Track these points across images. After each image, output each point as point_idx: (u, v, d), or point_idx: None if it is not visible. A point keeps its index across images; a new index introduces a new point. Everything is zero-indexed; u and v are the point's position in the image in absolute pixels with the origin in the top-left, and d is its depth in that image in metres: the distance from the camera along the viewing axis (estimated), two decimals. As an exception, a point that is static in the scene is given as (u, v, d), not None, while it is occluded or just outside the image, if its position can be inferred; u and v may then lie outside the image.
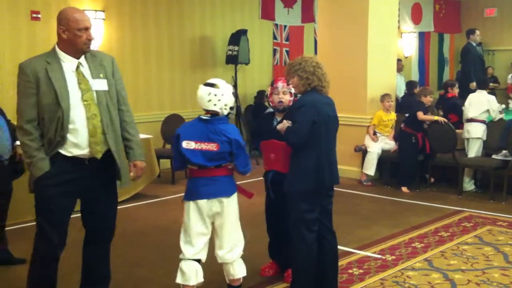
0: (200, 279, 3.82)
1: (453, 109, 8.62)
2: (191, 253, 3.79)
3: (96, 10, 8.13)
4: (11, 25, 7.46)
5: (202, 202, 3.76)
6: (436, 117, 7.84)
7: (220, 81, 3.84)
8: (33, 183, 3.52)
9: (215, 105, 3.74)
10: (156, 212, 6.77)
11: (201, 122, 3.79)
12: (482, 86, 8.11)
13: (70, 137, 3.43)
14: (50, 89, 3.38)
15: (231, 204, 3.83)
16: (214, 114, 3.78)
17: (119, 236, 5.67)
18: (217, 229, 3.84)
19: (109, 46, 8.52)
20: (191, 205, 3.80)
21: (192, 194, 3.80)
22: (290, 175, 3.96)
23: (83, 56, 3.54)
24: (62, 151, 3.44)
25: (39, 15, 7.61)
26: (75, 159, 3.47)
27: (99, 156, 3.51)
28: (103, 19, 8.26)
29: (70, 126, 3.42)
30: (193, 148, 3.73)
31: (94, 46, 8.20)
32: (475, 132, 7.70)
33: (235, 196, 3.88)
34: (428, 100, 7.88)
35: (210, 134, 3.72)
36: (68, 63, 3.48)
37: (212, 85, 3.78)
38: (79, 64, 3.51)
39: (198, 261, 3.82)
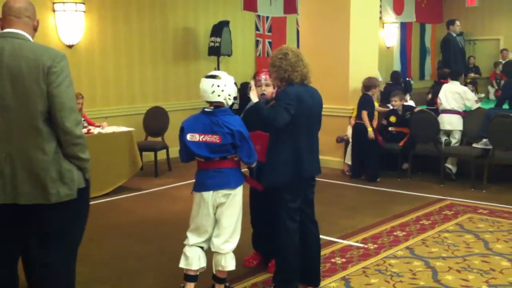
0: (203, 264, 3.90)
1: None
2: (195, 241, 3.89)
3: (76, 3, 8.04)
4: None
5: (208, 194, 3.81)
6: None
7: (221, 72, 3.90)
8: None
9: (219, 95, 3.78)
10: (140, 204, 6.76)
11: (204, 115, 3.82)
12: (454, 77, 8.19)
13: None
14: None
15: (236, 196, 3.88)
16: (217, 106, 3.81)
17: (104, 229, 5.71)
18: (218, 218, 3.88)
19: (90, 38, 8.46)
20: (197, 197, 3.87)
21: (199, 186, 3.86)
22: (268, 169, 3.97)
23: None
24: None
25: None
26: None
27: None
28: (84, 11, 8.18)
29: None
30: (198, 141, 3.77)
31: (76, 39, 8.16)
32: (458, 124, 7.80)
33: (240, 188, 3.92)
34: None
35: (213, 126, 3.75)
36: None
37: (214, 76, 3.82)
38: None
39: (201, 248, 3.91)
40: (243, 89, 10.30)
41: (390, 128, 8.08)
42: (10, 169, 2.98)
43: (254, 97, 4.06)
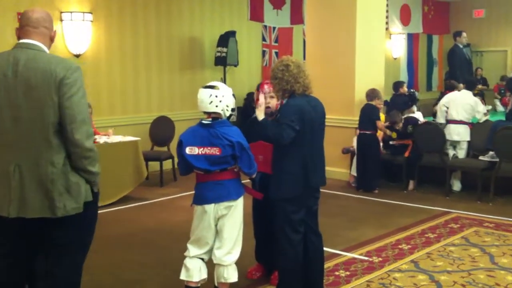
0: (204, 275, 3.89)
1: None
2: (196, 253, 3.87)
3: (83, 12, 8.09)
4: (-2, 27, 7.42)
5: (209, 207, 3.79)
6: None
7: (220, 83, 3.89)
8: None
9: (216, 106, 3.76)
10: (145, 214, 6.76)
11: (202, 127, 3.80)
12: (469, 87, 8.15)
13: None
14: None
15: (237, 207, 3.87)
16: (215, 117, 3.79)
17: (107, 238, 5.70)
18: (219, 229, 3.86)
19: (97, 48, 8.50)
20: (198, 210, 3.85)
21: (199, 199, 3.84)
22: (275, 181, 3.94)
23: None
24: None
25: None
26: None
27: None
28: (91, 21, 8.22)
29: None
30: (197, 154, 3.75)
31: (82, 48, 8.19)
32: (465, 135, 7.76)
33: (241, 199, 3.91)
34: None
35: (212, 138, 3.73)
36: None
37: (212, 87, 3.80)
38: None
39: (202, 259, 3.91)
40: (249, 98, 10.35)
41: (391, 142, 8.03)
42: (18, 181, 2.95)
43: (260, 114, 3.99)
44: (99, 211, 3.28)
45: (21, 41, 3.04)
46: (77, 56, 8.18)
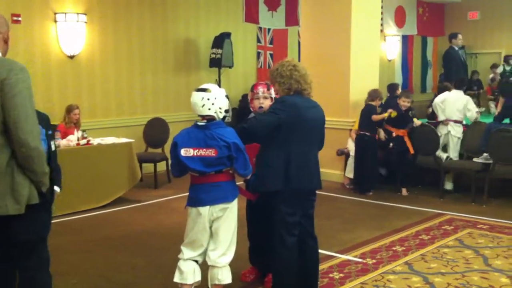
0: (198, 277, 3.88)
1: None
2: (190, 255, 3.87)
3: (78, 13, 8.07)
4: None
5: (204, 209, 3.78)
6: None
7: (212, 85, 3.87)
8: None
9: (209, 109, 3.75)
10: (139, 216, 6.74)
11: (197, 129, 3.79)
12: (459, 86, 8.16)
13: None
14: None
15: (232, 209, 3.86)
16: (210, 119, 3.78)
17: (100, 240, 5.69)
18: (214, 231, 3.84)
19: (91, 49, 8.47)
20: (193, 212, 3.83)
21: (194, 201, 3.82)
22: (257, 174, 3.94)
23: None
24: None
25: (20, 18, 7.54)
26: None
27: None
28: (85, 22, 8.20)
29: None
30: (192, 155, 3.74)
31: (77, 50, 8.17)
32: (457, 132, 7.81)
33: (236, 201, 3.90)
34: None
35: (207, 140, 3.72)
36: None
37: (204, 89, 3.80)
38: None
39: (195, 262, 3.89)
40: (244, 100, 10.33)
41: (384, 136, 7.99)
42: None
43: None
44: (92, 213, 3.21)
45: None
46: (71, 57, 8.16)
